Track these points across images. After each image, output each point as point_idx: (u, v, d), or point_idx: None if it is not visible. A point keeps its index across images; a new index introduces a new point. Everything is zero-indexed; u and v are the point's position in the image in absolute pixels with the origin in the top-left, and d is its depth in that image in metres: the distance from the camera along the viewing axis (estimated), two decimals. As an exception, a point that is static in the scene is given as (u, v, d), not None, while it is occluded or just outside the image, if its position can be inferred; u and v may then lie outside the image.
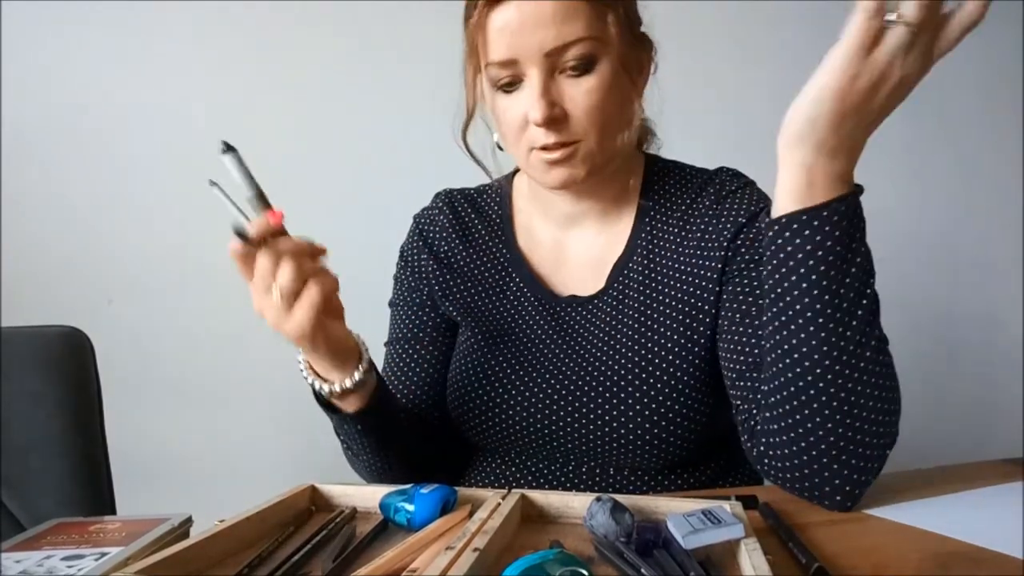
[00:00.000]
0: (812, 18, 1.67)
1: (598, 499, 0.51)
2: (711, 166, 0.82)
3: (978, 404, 1.80)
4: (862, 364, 0.55)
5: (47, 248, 1.38)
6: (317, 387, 0.66)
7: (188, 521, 0.58)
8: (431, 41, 1.47)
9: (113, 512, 0.83)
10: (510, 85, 0.68)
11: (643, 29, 0.74)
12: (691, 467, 0.74)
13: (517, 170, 0.87)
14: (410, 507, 0.53)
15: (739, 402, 0.67)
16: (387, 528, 0.55)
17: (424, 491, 0.54)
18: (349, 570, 0.45)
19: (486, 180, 0.89)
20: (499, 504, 0.52)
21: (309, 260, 0.59)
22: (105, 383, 0.87)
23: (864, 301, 0.55)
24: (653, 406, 0.69)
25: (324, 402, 0.69)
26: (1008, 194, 1.82)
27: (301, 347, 0.64)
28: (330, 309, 0.61)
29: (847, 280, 0.55)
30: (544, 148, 0.68)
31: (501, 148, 0.76)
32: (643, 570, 0.43)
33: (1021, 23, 1.78)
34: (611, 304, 0.75)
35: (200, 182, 1.63)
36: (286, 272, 0.57)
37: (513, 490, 0.56)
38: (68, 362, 0.84)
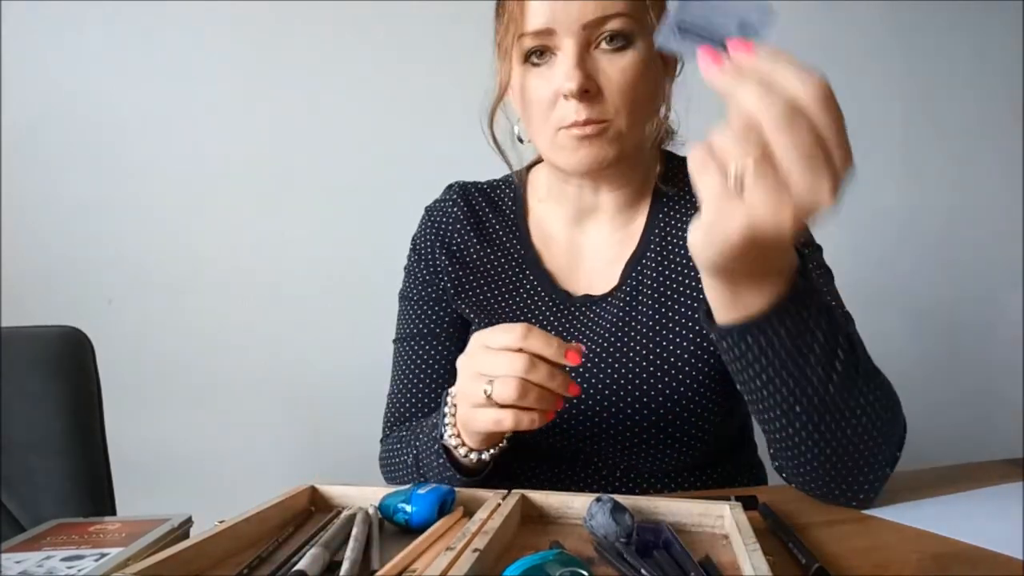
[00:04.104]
0: (814, 17, 1.67)
1: (598, 499, 0.51)
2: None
3: (978, 404, 1.80)
4: (852, 415, 0.55)
5: (47, 248, 1.38)
6: (463, 453, 0.62)
7: (188, 521, 0.58)
8: (434, 40, 1.48)
9: (113, 512, 0.83)
10: (541, 56, 0.67)
11: None
12: (699, 470, 0.74)
13: (531, 165, 0.86)
14: (408, 507, 0.53)
15: None
16: (384, 528, 0.55)
17: (421, 491, 0.54)
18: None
19: (494, 175, 0.89)
20: (499, 504, 0.52)
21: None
22: (105, 383, 0.87)
23: (837, 363, 0.53)
24: (668, 404, 0.69)
25: (449, 457, 0.65)
26: (1008, 194, 1.82)
27: (488, 430, 0.58)
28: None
29: (811, 359, 0.52)
30: (574, 125, 0.67)
31: (521, 140, 0.76)
32: (643, 570, 0.43)
33: (1021, 23, 1.77)
34: (624, 301, 0.75)
35: (201, 182, 1.63)
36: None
37: (513, 491, 0.56)
38: (68, 362, 0.84)
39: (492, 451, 0.63)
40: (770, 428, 0.58)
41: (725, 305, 0.51)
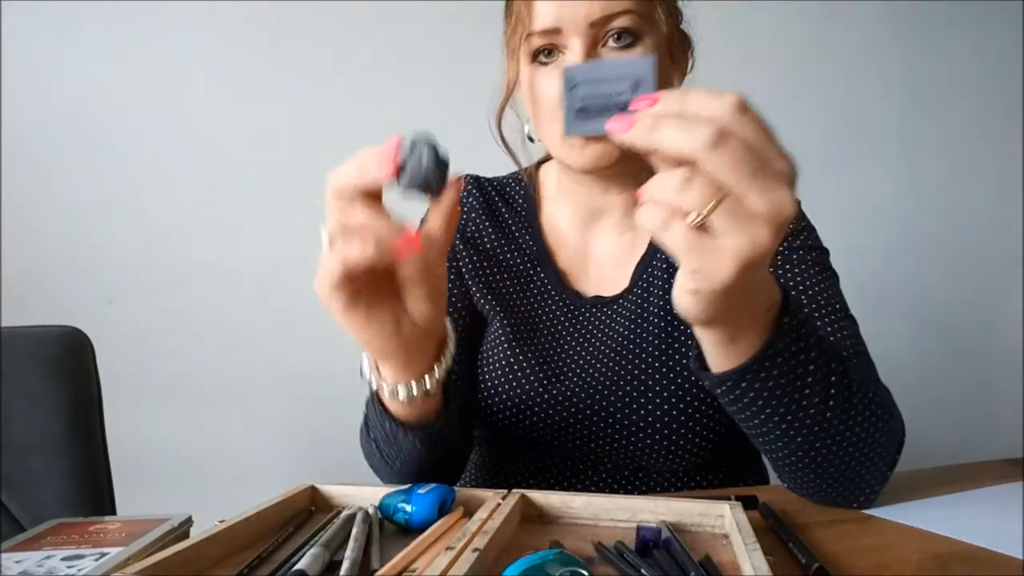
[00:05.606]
0: (815, 17, 1.67)
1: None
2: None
3: (978, 404, 1.80)
4: (851, 433, 0.55)
5: (47, 248, 1.38)
6: (374, 386, 0.56)
7: (188, 521, 0.58)
8: (434, 40, 1.48)
9: (113, 512, 0.83)
10: (548, 55, 0.68)
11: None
12: (705, 470, 0.74)
13: (541, 162, 0.85)
14: (408, 507, 0.53)
15: None
16: (384, 527, 0.55)
17: (421, 491, 0.54)
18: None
19: (494, 175, 0.88)
20: (499, 504, 0.52)
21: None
22: (105, 383, 0.87)
23: (832, 388, 0.52)
24: (681, 406, 0.69)
25: (378, 402, 0.58)
26: (1007, 193, 1.82)
27: (340, 323, 0.50)
28: (386, 283, 0.51)
29: (806, 391, 0.51)
30: None
31: (532, 139, 0.76)
32: (643, 570, 0.43)
33: (1021, 23, 1.77)
34: (635, 303, 0.75)
35: (201, 182, 1.62)
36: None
37: (513, 490, 0.56)
38: (68, 362, 0.84)
39: (414, 391, 0.54)
40: (772, 456, 0.59)
41: (723, 353, 0.49)
